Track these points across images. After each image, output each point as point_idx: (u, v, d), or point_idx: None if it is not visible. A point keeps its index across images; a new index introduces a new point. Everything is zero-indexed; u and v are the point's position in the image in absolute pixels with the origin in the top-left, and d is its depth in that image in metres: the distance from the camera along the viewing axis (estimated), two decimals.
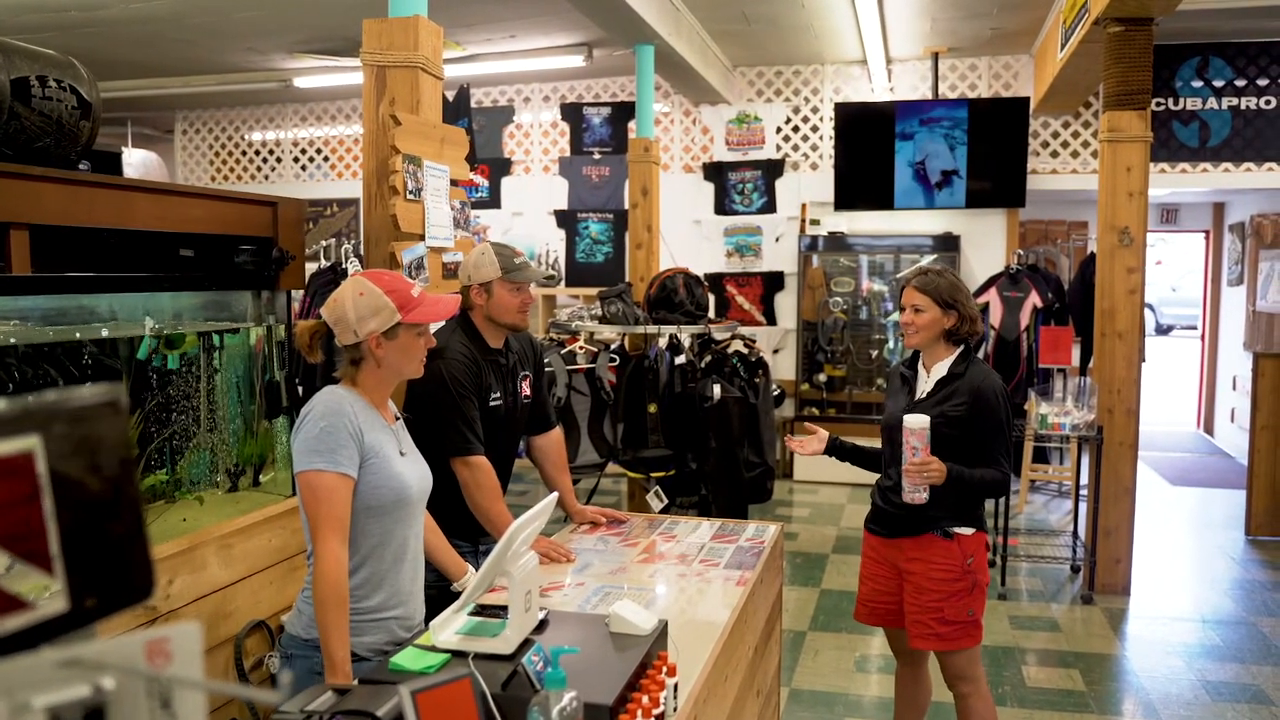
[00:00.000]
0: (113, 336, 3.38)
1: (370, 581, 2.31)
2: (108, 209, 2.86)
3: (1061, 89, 7.49)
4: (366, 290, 2.29)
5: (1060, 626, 5.28)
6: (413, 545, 2.42)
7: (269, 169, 10.68)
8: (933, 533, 3.22)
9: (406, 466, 2.38)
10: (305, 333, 2.37)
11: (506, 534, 1.92)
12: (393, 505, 2.31)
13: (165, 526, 3.38)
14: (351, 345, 2.32)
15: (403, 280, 2.36)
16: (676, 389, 6.03)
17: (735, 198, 9.23)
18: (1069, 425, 5.74)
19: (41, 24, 7.10)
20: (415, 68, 3.73)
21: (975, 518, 3.27)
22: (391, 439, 2.37)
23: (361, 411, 2.28)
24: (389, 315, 2.28)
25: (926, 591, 3.23)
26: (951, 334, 3.23)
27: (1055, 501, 8.06)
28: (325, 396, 2.26)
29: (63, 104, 2.65)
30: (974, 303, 3.30)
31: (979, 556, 3.25)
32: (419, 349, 2.38)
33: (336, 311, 2.30)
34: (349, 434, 2.21)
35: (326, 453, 2.18)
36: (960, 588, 3.21)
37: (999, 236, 8.69)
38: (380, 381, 2.37)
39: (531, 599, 2.03)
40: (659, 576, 2.92)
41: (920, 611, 3.25)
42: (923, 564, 3.24)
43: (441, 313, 2.40)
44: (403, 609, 2.38)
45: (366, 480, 2.26)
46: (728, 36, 7.99)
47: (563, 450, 3.58)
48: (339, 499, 2.17)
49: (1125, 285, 5.70)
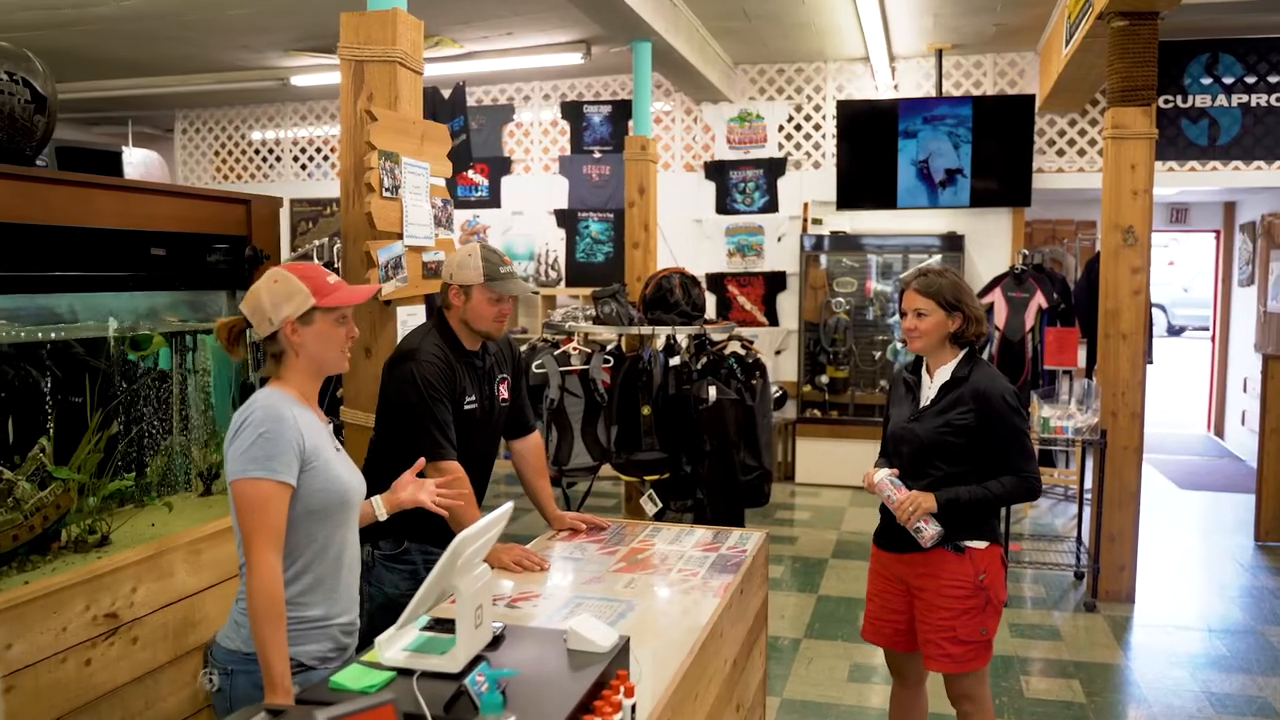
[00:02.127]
0: (96, 336, 3.30)
1: (314, 588, 2.22)
2: (66, 206, 2.78)
3: (1067, 86, 7.36)
4: (281, 278, 2.23)
5: (1062, 635, 5.16)
6: (351, 548, 2.34)
7: (268, 168, 10.62)
8: (943, 547, 3.05)
9: (344, 468, 2.30)
10: (224, 328, 2.29)
11: (451, 546, 1.83)
12: (336, 508, 2.24)
13: (133, 532, 3.30)
14: (270, 338, 2.24)
15: (319, 269, 2.28)
16: (671, 391, 5.92)
17: (737, 197, 9.12)
18: (1072, 429, 5.62)
19: (34, 22, 7.04)
20: (393, 62, 3.64)
21: (989, 531, 3.11)
22: (328, 440, 2.29)
23: (300, 414, 2.19)
24: (303, 299, 2.20)
25: (937, 609, 3.07)
26: (957, 337, 3.09)
27: (1061, 506, 7.93)
28: (263, 400, 2.17)
29: (15, 98, 2.56)
30: (979, 303, 3.15)
31: (993, 572, 3.09)
32: (339, 338, 2.27)
33: (252, 302, 2.23)
34: (290, 440, 2.12)
35: (264, 460, 2.08)
36: (973, 605, 3.05)
37: (1004, 236, 8.56)
38: (305, 375, 2.27)
39: (483, 614, 1.93)
40: (635, 587, 2.82)
41: (932, 631, 3.09)
42: (933, 580, 3.08)
43: (358, 297, 2.29)
44: (346, 615, 2.31)
45: (309, 484, 2.17)
46: (728, 33, 7.88)
47: (542, 455, 3.48)
48: (274, 509, 2.08)
49: (1130, 286, 5.58)
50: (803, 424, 8.75)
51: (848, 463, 8.40)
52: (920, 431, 3.11)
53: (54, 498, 2.97)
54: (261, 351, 2.29)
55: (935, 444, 3.07)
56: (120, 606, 2.98)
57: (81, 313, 3.19)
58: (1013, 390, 3.07)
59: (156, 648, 3.11)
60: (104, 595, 2.92)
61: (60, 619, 2.78)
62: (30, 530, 2.89)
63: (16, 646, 2.66)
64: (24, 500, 2.89)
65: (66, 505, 3.02)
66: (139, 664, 3.05)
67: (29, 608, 2.69)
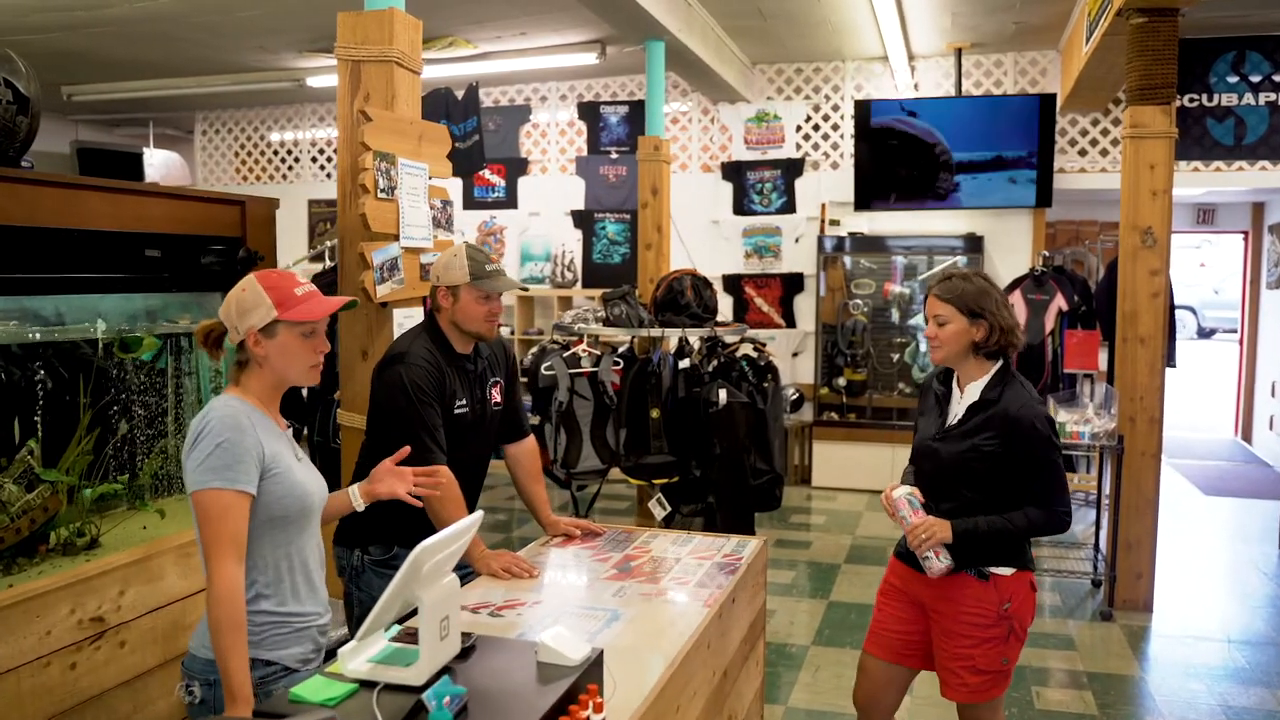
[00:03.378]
0: (85, 338, 3.29)
1: (291, 592, 2.21)
2: (53, 208, 2.76)
3: (1088, 85, 7.24)
4: (249, 286, 2.19)
5: (1076, 644, 5.06)
6: (318, 549, 2.32)
7: (287, 169, 10.65)
8: (966, 572, 2.86)
9: (306, 474, 2.27)
10: (201, 332, 2.26)
11: (411, 557, 1.78)
12: (298, 514, 2.21)
13: (123, 535, 3.28)
14: (240, 345, 2.21)
15: (291, 279, 2.24)
16: (681, 394, 5.86)
17: (754, 198, 9.05)
18: (1088, 434, 5.51)
19: (48, 24, 7.07)
20: (390, 62, 3.61)
21: (1018, 556, 2.88)
22: (288, 446, 2.25)
23: (259, 421, 2.16)
24: (265, 312, 2.16)
25: (956, 637, 2.88)
26: (981, 346, 2.86)
27: (1081, 511, 7.80)
28: (220, 410, 2.13)
29: None
30: (1009, 311, 2.89)
31: (1019, 599, 2.87)
32: (304, 351, 2.22)
33: (225, 309, 2.20)
34: (248, 449, 2.09)
35: (223, 469, 2.05)
36: (994, 634, 2.85)
37: (1025, 237, 8.43)
38: (266, 386, 2.24)
39: (449, 625, 1.89)
40: (624, 595, 2.76)
41: (950, 659, 2.90)
42: (952, 605, 2.88)
43: (323, 311, 2.22)
44: (322, 616, 2.30)
45: (270, 492, 2.14)
46: (744, 33, 7.81)
47: (537, 459, 3.43)
48: (234, 518, 2.05)
49: (1148, 288, 5.46)
50: (820, 427, 8.66)
51: (865, 466, 8.31)
52: (944, 453, 2.90)
53: (41, 500, 2.95)
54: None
55: (959, 467, 2.87)
56: (107, 610, 2.96)
57: (76, 314, 3.17)
58: (1046, 416, 2.83)
59: (145, 651, 3.09)
60: (90, 598, 2.90)
61: (44, 622, 2.76)
62: (17, 533, 2.87)
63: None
64: (10, 503, 2.87)
65: (55, 508, 3.00)
66: (127, 668, 3.03)
67: (11, 611, 2.67)
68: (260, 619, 2.17)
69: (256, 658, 2.16)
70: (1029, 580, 2.93)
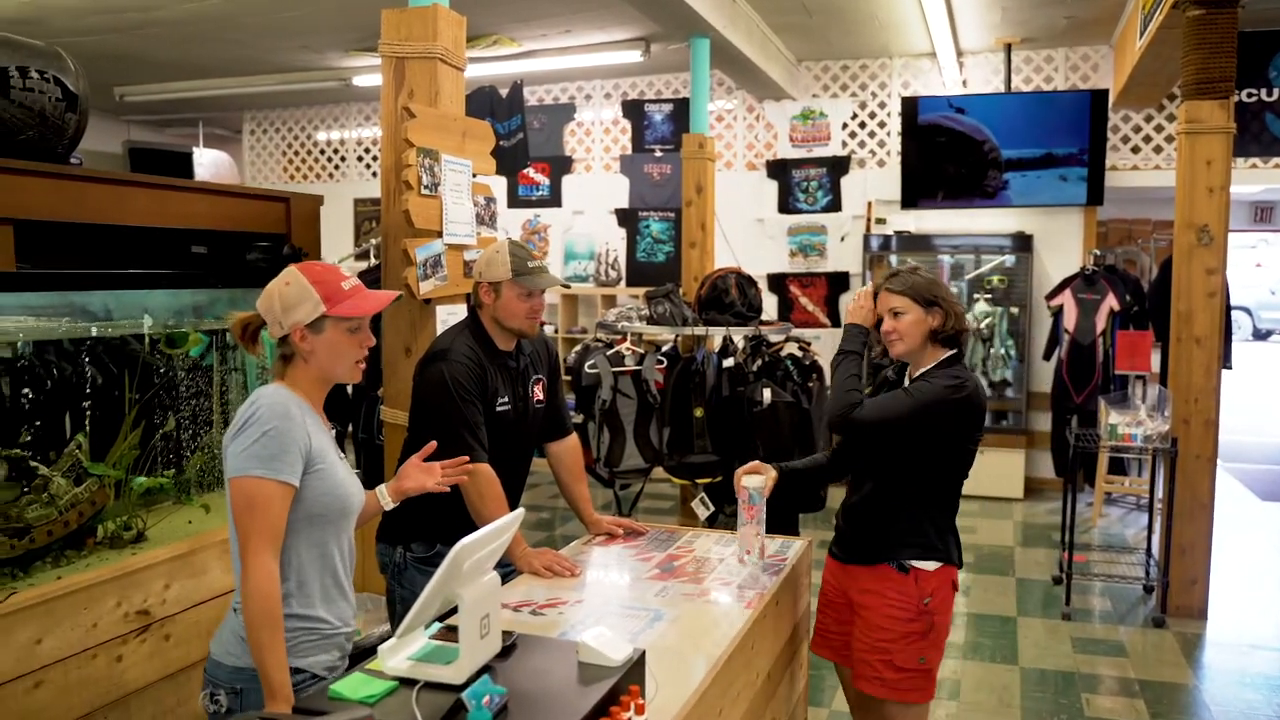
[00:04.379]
0: (131, 333, 3.31)
1: (322, 596, 2.17)
2: (100, 204, 2.78)
3: (1142, 80, 7.09)
4: (293, 280, 2.15)
5: (1128, 651, 4.95)
6: (350, 554, 2.29)
7: (333, 168, 10.73)
8: (888, 564, 2.85)
9: (346, 475, 2.24)
10: (238, 325, 2.23)
11: (451, 554, 1.76)
12: (337, 514, 2.18)
13: (169, 529, 3.30)
14: (282, 340, 2.18)
15: (336, 272, 2.19)
16: (725, 393, 5.83)
17: (799, 196, 8.98)
18: (1141, 436, 5.39)
19: (101, 26, 7.17)
20: (434, 58, 3.60)
21: (940, 549, 2.87)
22: (332, 444, 2.23)
23: (308, 414, 2.13)
24: (313, 307, 2.12)
25: (876, 629, 2.86)
26: (939, 333, 2.86)
27: (1132, 515, 7.65)
28: (270, 397, 2.10)
29: (46, 96, 2.56)
30: (955, 298, 2.92)
31: (940, 595, 2.85)
32: (350, 348, 2.19)
33: (265, 303, 2.17)
34: (296, 440, 2.06)
35: (269, 459, 2.02)
36: (913, 630, 2.82)
37: (1075, 236, 8.28)
38: (312, 381, 2.20)
39: (490, 624, 1.87)
40: (666, 595, 2.73)
41: (868, 650, 2.88)
42: (875, 598, 2.87)
43: (372, 306, 2.19)
44: (350, 624, 2.26)
45: (314, 488, 2.11)
46: (789, 29, 7.74)
47: (579, 458, 3.41)
48: (275, 510, 2.02)
49: (1204, 287, 5.34)
50: None
51: None
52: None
53: (89, 494, 2.97)
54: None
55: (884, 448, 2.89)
56: (152, 603, 2.98)
57: (123, 310, 3.20)
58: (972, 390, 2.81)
59: (189, 645, 3.10)
60: (136, 592, 2.92)
61: (91, 615, 2.78)
62: (65, 526, 2.90)
63: (46, 642, 2.66)
64: (59, 496, 2.90)
65: (102, 501, 3.02)
66: (171, 661, 3.05)
67: (59, 603, 2.70)
68: (289, 624, 2.09)
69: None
70: (952, 578, 2.91)
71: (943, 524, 2.91)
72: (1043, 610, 5.54)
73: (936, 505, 2.90)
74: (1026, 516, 7.60)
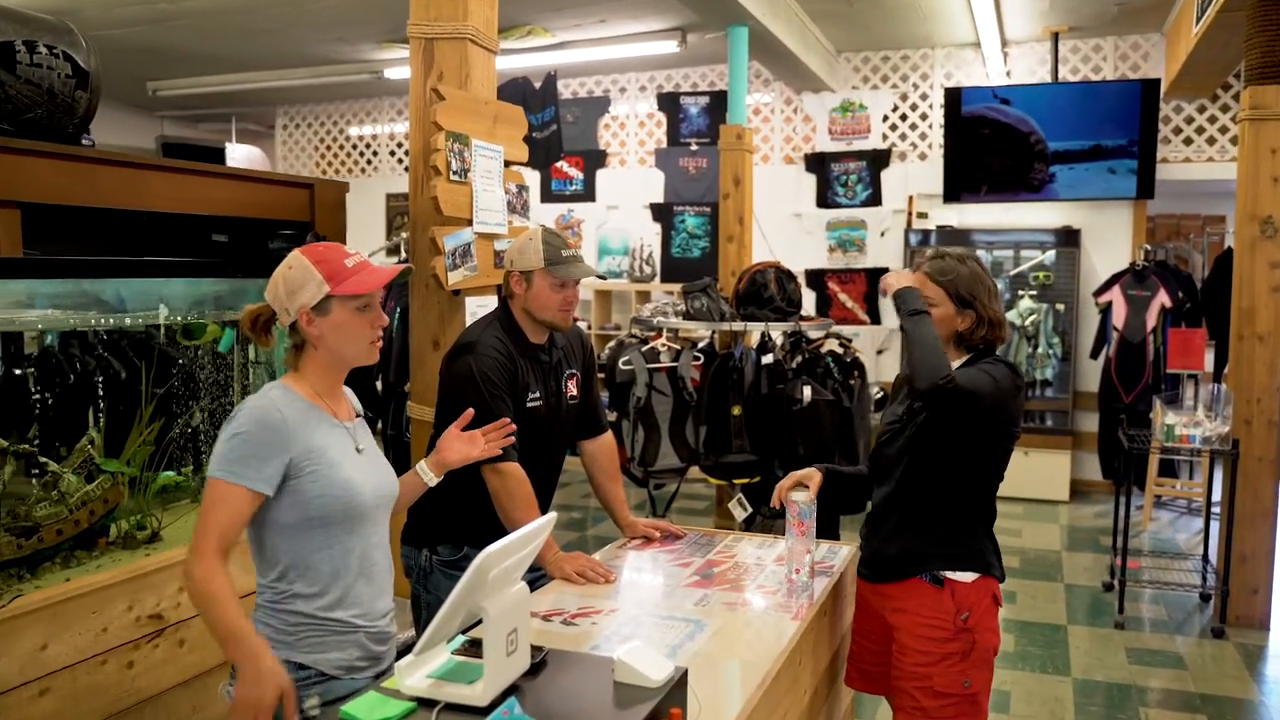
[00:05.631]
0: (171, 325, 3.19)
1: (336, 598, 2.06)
2: (114, 188, 2.65)
3: (1196, 68, 6.84)
4: (296, 263, 2.04)
5: (1186, 663, 4.72)
6: (375, 550, 2.15)
7: (365, 163, 10.64)
8: (920, 577, 2.58)
9: (360, 470, 2.10)
10: (248, 317, 2.11)
11: (475, 563, 1.60)
12: (341, 515, 2.04)
13: (186, 528, 3.17)
14: (292, 328, 2.07)
15: (338, 250, 2.08)
16: (763, 390, 5.65)
17: (838, 190, 8.77)
18: (1199, 437, 5.16)
19: (134, 17, 7.10)
20: (464, 39, 3.44)
21: (977, 559, 2.59)
22: (345, 438, 2.09)
23: (299, 415, 2.01)
24: (316, 288, 2.01)
25: (910, 652, 2.57)
26: (965, 339, 2.58)
27: (1183, 520, 7.39)
28: (256, 401, 2.01)
29: (55, 72, 2.43)
30: (999, 304, 2.61)
31: (979, 610, 2.55)
32: (361, 328, 2.07)
33: (271, 291, 2.06)
34: (269, 446, 1.96)
35: (235, 462, 1.94)
36: (952, 650, 2.53)
37: (1124, 231, 8.02)
38: (325, 368, 2.10)
39: (517, 639, 1.70)
40: (707, 604, 2.56)
41: (905, 678, 2.59)
42: (908, 617, 2.59)
43: (376, 281, 2.07)
44: (375, 622, 2.14)
45: (304, 490, 2.00)
46: (829, 18, 7.54)
47: (615, 457, 3.24)
48: (230, 512, 1.93)
49: (1268, 282, 5.09)
50: None
51: None
52: (907, 431, 2.64)
53: (101, 491, 2.84)
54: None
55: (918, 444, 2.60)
56: (166, 607, 2.84)
57: (139, 299, 3.07)
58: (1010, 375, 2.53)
59: (205, 650, 2.97)
60: (148, 595, 2.79)
61: (101, 619, 2.65)
62: (76, 525, 2.77)
63: (53, 647, 2.53)
64: (69, 494, 2.77)
65: (115, 500, 2.90)
66: (186, 667, 2.92)
67: (66, 607, 2.57)
68: (293, 619, 2.04)
69: (289, 659, 2.02)
70: (992, 591, 2.61)
71: (979, 531, 2.64)
72: (1094, 618, 5.32)
73: (971, 511, 2.63)
74: (1072, 519, 7.36)
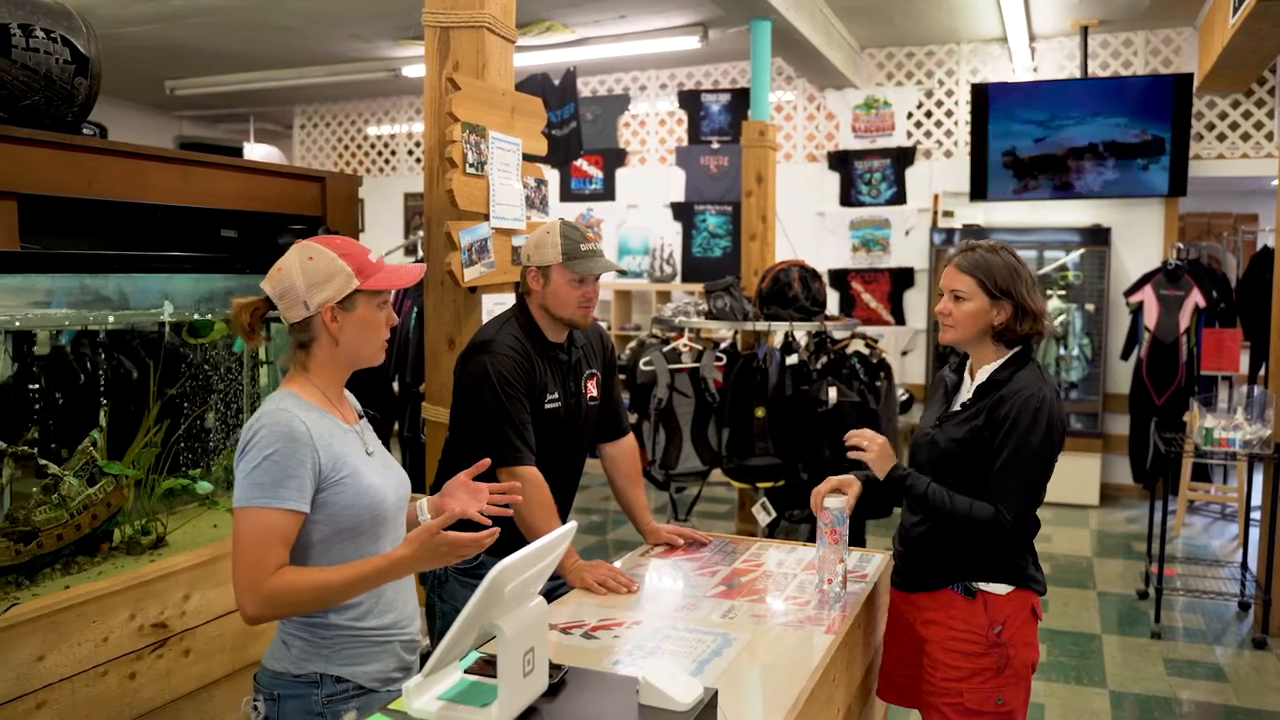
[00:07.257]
0: (152, 321, 3.09)
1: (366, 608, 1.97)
2: (117, 180, 2.54)
3: (1231, 62, 6.65)
4: (317, 254, 1.92)
5: (1226, 675, 4.56)
6: None
7: (383, 162, 10.56)
8: (952, 588, 2.48)
9: (378, 474, 2.00)
10: (244, 311, 1.98)
11: (489, 577, 1.47)
12: (369, 524, 1.95)
13: (193, 533, 3.06)
14: (300, 324, 1.94)
15: (357, 245, 1.99)
16: (788, 392, 5.51)
17: (862, 188, 8.62)
18: (1239, 441, 4.99)
19: (149, 15, 7.02)
20: (481, 27, 3.33)
21: (1012, 570, 2.47)
22: (356, 442, 1.99)
23: (316, 423, 1.90)
24: (345, 281, 1.91)
25: (942, 667, 2.47)
26: (1001, 333, 2.46)
27: (1218, 525, 7.20)
28: (272, 415, 1.88)
29: (52, 57, 2.32)
30: (1038, 295, 2.48)
31: (1014, 624, 2.44)
32: (379, 326, 1.99)
33: (282, 283, 1.92)
34: (302, 461, 1.84)
35: (271, 486, 1.82)
36: (985, 665, 2.42)
37: (1155, 230, 7.83)
38: (336, 369, 2.00)
39: (534, 659, 1.58)
40: (734, 616, 2.43)
41: (935, 693, 2.49)
42: (939, 629, 2.49)
43: (405, 279, 2.01)
44: (406, 630, 2.06)
45: (334, 503, 1.89)
46: (852, 13, 7.40)
47: (637, 461, 3.12)
48: (275, 543, 1.82)
49: None
50: None
51: None
52: (940, 440, 2.50)
53: (104, 495, 2.74)
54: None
55: (954, 456, 2.46)
56: (170, 616, 2.73)
57: (143, 296, 2.96)
58: (1054, 403, 2.40)
59: (211, 661, 2.86)
60: (152, 603, 2.68)
61: (101, 628, 2.54)
62: (77, 530, 2.67)
63: (50, 658, 2.42)
64: (70, 497, 2.66)
65: (118, 504, 2.79)
66: (191, 678, 2.80)
67: (65, 615, 2.46)
68: (328, 633, 1.95)
69: (326, 673, 1.94)
70: (1031, 603, 2.47)
71: (1017, 542, 2.49)
72: (1128, 627, 5.16)
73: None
74: (1102, 525, 7.19)
